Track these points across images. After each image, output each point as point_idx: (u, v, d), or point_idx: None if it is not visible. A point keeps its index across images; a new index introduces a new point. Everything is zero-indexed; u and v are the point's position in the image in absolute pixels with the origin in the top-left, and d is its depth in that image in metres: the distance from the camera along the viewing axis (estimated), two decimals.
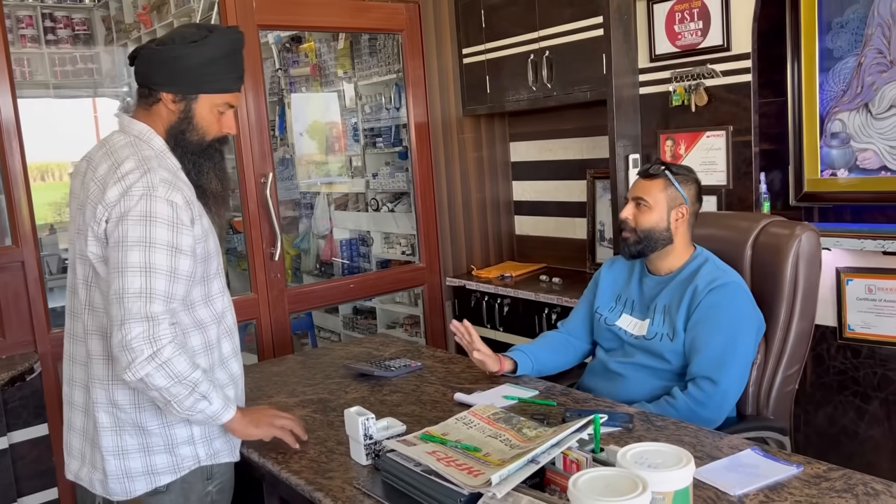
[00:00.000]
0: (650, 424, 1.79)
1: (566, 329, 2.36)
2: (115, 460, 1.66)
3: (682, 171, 2.13)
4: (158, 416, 1.66)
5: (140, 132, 1.69)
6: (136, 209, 1.56)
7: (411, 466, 1.48)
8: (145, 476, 1.67)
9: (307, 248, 5.31)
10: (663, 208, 2.08)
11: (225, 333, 1.77)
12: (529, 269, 3.86)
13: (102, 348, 1.66)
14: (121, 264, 1.55)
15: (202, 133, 1.72)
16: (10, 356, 2.77)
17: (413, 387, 2.15)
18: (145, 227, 1.56)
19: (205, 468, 1.72)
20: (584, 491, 1.17)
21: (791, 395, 2.19)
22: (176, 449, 1.68)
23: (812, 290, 2.15)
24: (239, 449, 1.80)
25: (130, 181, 1.58)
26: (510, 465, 1.34)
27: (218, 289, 1.76)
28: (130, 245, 1.55)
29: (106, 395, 1.66)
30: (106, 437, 1.66)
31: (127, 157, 1.63)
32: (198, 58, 1.65)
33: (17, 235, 2.77)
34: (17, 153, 2.76)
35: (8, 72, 2.72)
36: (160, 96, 1.68)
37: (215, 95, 1.71)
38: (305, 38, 5.12)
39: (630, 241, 2.11)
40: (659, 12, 3.08)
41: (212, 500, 1.75)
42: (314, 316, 5.00)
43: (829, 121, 2.81)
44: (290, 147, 5.35)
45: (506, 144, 4.13)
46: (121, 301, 1.53)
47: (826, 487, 1.44)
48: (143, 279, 1.54)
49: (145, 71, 1.69)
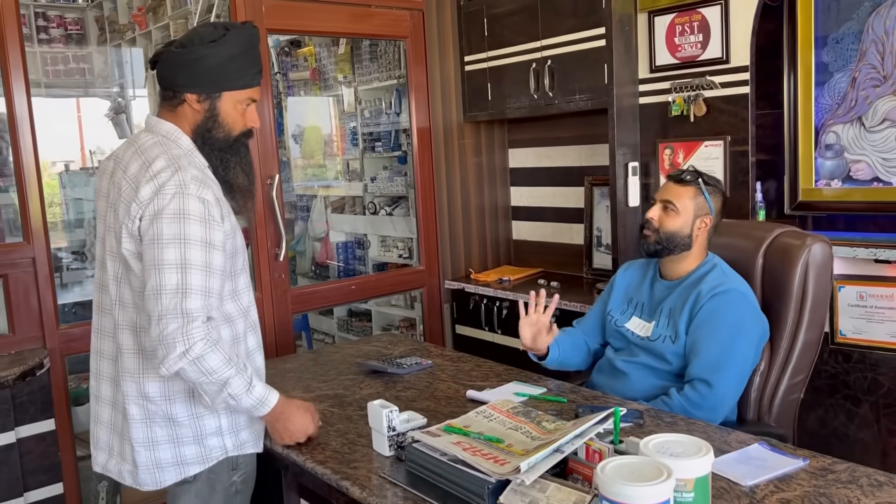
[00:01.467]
0: (660, 420, 1.86)
1: (581, 328, 2.43)
2: (145, 451, 1.70)
3: (712, 181, 2.18)
4: (188, 408, 1.71)
5: (168, 132, 1.74)
6: (170, 207, 1.60)
7: (437, 456, 1.54)
8: (175, 466, 1.71)
9: (303, 250, 5.35)
10: (690, 215, 2.13)
11: (250, 327, 1.83)
12: (527, 273, 3.93)
13: (133, 342, 1.70)
14: (157, 261, 1.59)
15: (228, 129, 1.76)
16: (19, 351, 2.79)
17: (426, 384, 2.21)
18: (180, 225, 1.60)
19: (231, 459, 1.76)
20: (612, 476, 1.23)
21: (795, 403, 2.22)
22: (204, 440, 1.72)
23: (822, 301, 2.18)
24: (261, 439, 1.85)
25: (163, 179, 1.62)
26: (536, 453, 1.41)
27: (244, 284, 1.81)
28: (166, 242, 1.59)
29: (137, 388, 1.70)
30: (136, 429, 1.70)
31: (157, 156, 1.67)
32: (217, 57, 1.70)
33: (28, 232, 2.80)
34: (30, 151, 2.79)
35: (24, 71, 2.75)
36: (184, 97, 1.73)
37: (238, 92, 1.75)
38: (305, 43, 5.17)
39: (650, 240, 2.16)
40: (660, 24, 3.17)
41: (236, 490, 1.79)
42: (309, 315, 5.04)
43: (824, 133, 2.91)
44: (286, 150, 5.40)
45: (505, 151, 4.21)
46: (158, 297, 1.57)
47: (832, 479, 1.51)
48: (180, 275, 1.58)
49: (168, 74, 1.73)
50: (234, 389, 1.63)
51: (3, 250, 2.82)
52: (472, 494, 1.44)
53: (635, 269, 2.36)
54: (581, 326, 2.44)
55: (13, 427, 2.70)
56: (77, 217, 5.09)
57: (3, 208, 3.19)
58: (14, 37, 2.75)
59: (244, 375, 1.66)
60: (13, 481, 2.69)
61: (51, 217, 5.62)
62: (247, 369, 1.68)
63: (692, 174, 2.15)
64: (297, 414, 1.81)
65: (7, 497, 2.68)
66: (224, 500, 1.77)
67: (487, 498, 1.41)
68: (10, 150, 2.82)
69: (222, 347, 1.63)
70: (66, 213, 5.20)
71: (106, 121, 5.81)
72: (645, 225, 2.19)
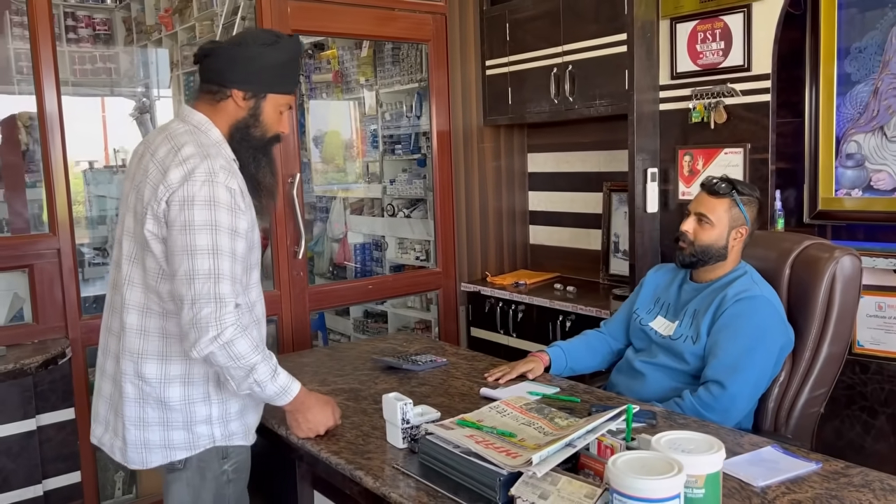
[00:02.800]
0: (672, 422, 1.87)
1: (607, 329, 2.45)
2: (135, 430, 1.73)
3: (746, 190, 2.15)
4: (182, 393, 1.73)
5: (199, 122, 1.78)
6: (201, 194, 1.64)
7: (450, 448, 1.56)
8: (162, 449, 1.74)
9: (321, 250, 5.39)
10: (724, 228, 2.12)
11: (254, 322, 1.84)
12: (543, 277, 3.94)
13: (137, 322, 1.73)
14: (190, 247, 1.62)
15: (265, 130, 1.82)
16: (42, 340, 2.84)
17: (440, 380, 2.23)
18: (210, 212, 1.64)
19: (220, 448, 1.78)
20: (624, 469, 1.25)
21: (815, 417, 2.20)
22: (194, 427, 1.74)
23: (848, 315, 2.16)
24: (254, 433, 1.87)
25: (192, 165, 1.65)
26: (549, 447, 1.42)
27: (255, 279, 1.85)
28: (198, 228, 1.62)
29: (134, 368, 1.73)
30: (129, 408, 1.74)
31: (186, 142, 1.70)
32: (272, 59, 1.76)
33: (55, 224, 2.85)
34: (59, 147, 2.84)
35: (54, 70, 2.81)
36: (231, 93, 1.76)
37: (280, 96, 1.81)
38: (328, 46, 5.22)
39: (686, 252, 2.17)
40: (682, 31, 3.18)
41: (228, 479, 1.81)
42: (325, 316, 5.07)
43: (845, 142, 2.90)
44: (307, 151, 5.45)
45: (524, 155, 4.22)
46: (191, 282, 1.61)
47: (844, 482, 1.52)
48: (211, 260, 1.62)
49: (219, 68, 1.77)
50: (259, 376, 1.67)
51: (29, 241, 2.87)
52: (484, 486, 1.46)
53: (666, 270, 2.37)
54: (607, 327, 2.46)
55: (34, 415, 2.74)
56: (100, 214, 5.16)
57: (30, 203, 3.25)
58: (46, 37, 2.80)
59: (270, 363, 1.69)
60: (32, 468, 2.73)
61: (75, 214, 5.73)
62: (272, 358, 1.71)
63: (726, 185, 2.13)
64: (316, 407, 1.83)
65: (26, 484, 2.72)
66: (215, 488, 1.79)
67: (499, 490, 1.42)
68: (39, 146, 2.88)
69: (250, 334, 1.66)
70: (89, 210, 5.28)
71: (130, 120, 5.90)
72: (680, 237, 2.19)
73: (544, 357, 2.30)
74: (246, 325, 1.66)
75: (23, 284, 2.89)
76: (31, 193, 3.28)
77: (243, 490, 1.88)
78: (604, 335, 2.43)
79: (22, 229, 3.25)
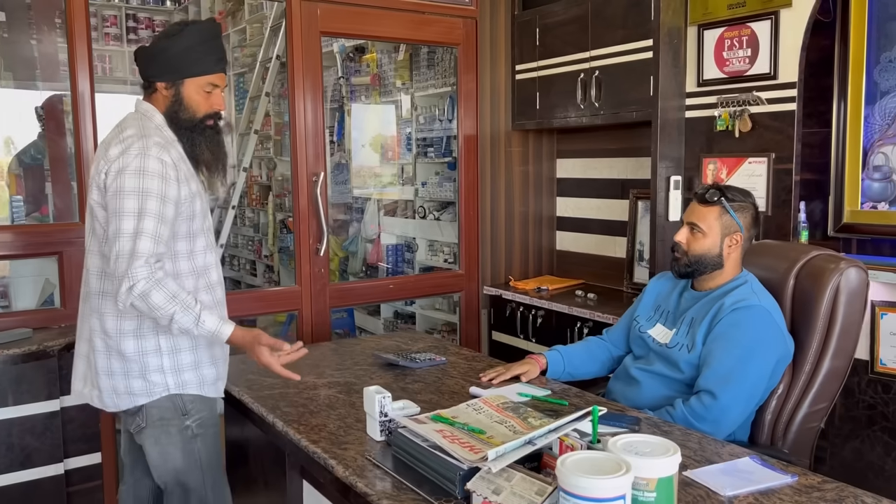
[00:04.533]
0: (656, 429, 1.85)
1: (608, 336, 2.44)
2: (106, 378, 1.97)
3: (738, 196, 2.12)
4: (136, 345, 1.94)
5: (146, 110, 2.02)
6: (133, 165, 1.85)
7: (419, 441, 1.58)
8: (127, 395, 1.97)
9: (355, 250, 5.47)
10: (717, 236, 2.10)
11: (204, 287, 2.02)
12: (567, 283, 3.92)
13: (97, 284, 1.95)
14: (119, 209, 1.84)
15: (192, 112, 2.01)
16: (69, 325, 2.96)
17: (435, 378, 2.25)
18: (139, 179, 1.84)
19: (177, 405, 1.97)
20: (571, 468, 1.25)
21: (814, 432, 2.14)
22: (148, 375, 1.96)
23: (852, 329, 2.10)
24: (212, 386, 2.03)
25: (129, 143, 1.89)
26: (507, 443, 1.43)
27: (202, 246, 2.02)
28: (127, 193, 1.84)
29: (99, 324, 1.97)
30: (100, 359, 1.97)
31: (129, 125, 1.96)
32: (178, 47, 1.96)
33: (84, 213, 2.97)
34: (90, 138, 2.98)
35: (89, 65, 2.95)
36: (155, 85, 2.00)
37: (199, 78, 2.00)
38: (368, 49, 5.30)
39: (681, 262, 2.16)
40: (709, 38, 3.13)
41: (193, 434, 2.00)
42: (356, 317, 5.14)
43: (872, 154, 2.82)
44: (346, 153, 5.54)
45: (553, 161, 4.21)
46: (117, 239, 1.82)
47: (817, 496, 1.48)
48: (135, 221, 1.82)
49: (143, 66, 2.02)
50: (181, 324, 1.86)
51: (59, 229, 3.01)
52: (445, 479, 1.48)
53: (668, 278, 2.34)
54: (609, 335, 2.45)
55: (58, 396, 2.86)
56: None
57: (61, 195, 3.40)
58: (82, 33, 2.94)
59: (191, 312, 1.86)
60: (55, 447, 2.85)
61: None
62: (196, 306, 1.87)
63: (715, 193, 2.11)
64: (254, 354, 1.97)
65: (49, 461, 2.84)
66: (182, 442, 1.99)
67: (458, 483, 1.44)
68: (73, 139, 3.01)
69: (166, 286, 1.82)
70: None
71: None
72: (674, 248, 2.17)
73: (541, 360, 2.30)
74: (160, 279, 1.83)
75: (54, 271, 3.03)
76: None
77: (213, 446, 2.06)
78: (605, 342, 2.41)
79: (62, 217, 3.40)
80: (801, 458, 2.08)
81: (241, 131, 5.62)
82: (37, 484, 2.80)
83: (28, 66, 3.51)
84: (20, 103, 3.66)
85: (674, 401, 2.05)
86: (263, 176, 6.19)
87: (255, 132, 5.19)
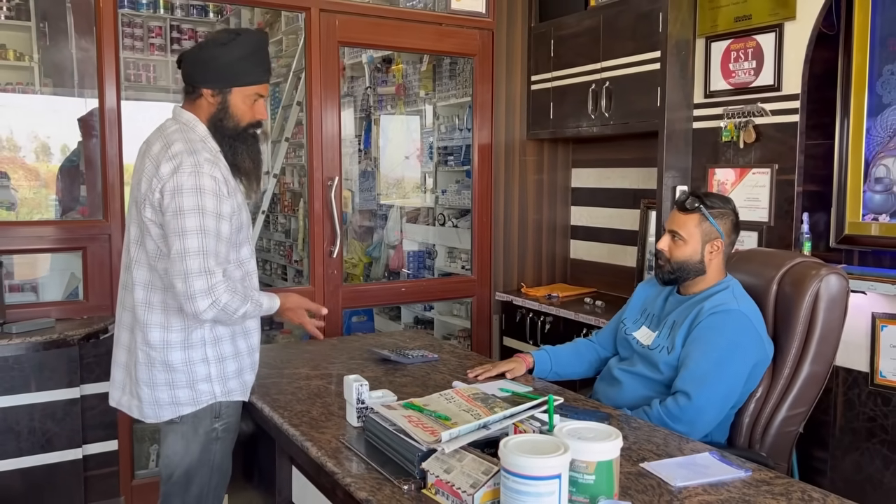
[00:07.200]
0: (626, 425, 1.90)
1: (597, 338, 2.50)
2: (148, 390, 1.99)
3: (717, 203, 2.17)
4: (182, 356, 1.97)
5: (187, 120, 2.02)
6: (188, 183, 1.88)
7: (387, 426, 1.66)
8: (171, 406, 1.99)
9: (378, 256, 5.59)
10: (697, 242, 2.16)
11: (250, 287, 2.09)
12: (578, 291, 3.97)
13: (143, 297, 1.99)
14: (181, 229, 1.87)
15: (237, 120, 2.04)
16: (90, 317, 3.13)
17: (424, 374, 2.33)
18: (197, 198, 1.88)
19: (214, 407, 2.01)
20: (512, 449, 1.32)
21: (792, 436, 2.17)
22: (196, 385, 1.99)
23: (831, 335, 2.13)
24: (249, 391, 2.10)
25: (180, 160, 1.90)
26: (461, 426, 1.50)
27: (247, 254, 2.10)
28: (187, 212, 1.87)
29: (143, 337, 1.99)
30: (141, 371, 1.99)
31: (176, 140, 1.95)
32: (229, 57, 1.98)
33: (108, 211, 3.15)
34: (115, 142, 3.14)
35: (115, 73, 3.12)
36: (201, 91, 2.01)
37: (246, 88, 2.02)
38: (395, 60, 5.44)
39: (664, 269, 2.22)
40: (716, 50, 3.17)
41: (216, 437, 2.04)
42: (376, 321, 5.25)
43: (874, 166, 2.82)
44: (372, 161, 5.67)
45: (568, 170, 4.27)
46: (184, 259, 1.86)
47: (765, 490, 1.52)
48: (199, 239, 1.87)
49: (189, 71, 2.02)
50: (251, 314, 1.99)
51: (84, 225, 3.19)
52: (406, 460, 1.56)
53: (655, 283, 2.39)
54: (597, 336, 2.51)
55: (79, 384, 3.02)
56: None
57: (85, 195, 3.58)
58: (110, 42, 3.11)
59: (253, 302, 1.97)
60: (74, 433, 3.00)
61: (126, 203, 6.15)
62: (253, 296, 1.99)
63: (694, 201, 2.16)
64: (291, 316, 2.17)
65: (68, 446, 3.00)
66: (204, 442, 2.02)
67: (416, 463, 1.52)
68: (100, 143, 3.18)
69: (236, 291, 1.93)
70: None
71: None
72: (657, 255, 2.23)
73: (528, 359, 2.37)
74: (234, 288, 1.92)
75: (79, 266, 3.20)
76: None
77: (228, 451, 2.10)
78: (593, 343, 2.47)
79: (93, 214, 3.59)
80: (778, 461, 2.11)
81: (273, 139, 5.80)
82: (57, 467, 2.96)
83: (66, 74, 3.71)
84: (57, 110, 3.87)
85: (651, 401, 2.09)
86: (295, 183, 6.37)
87: (286, 139, 5.36)
